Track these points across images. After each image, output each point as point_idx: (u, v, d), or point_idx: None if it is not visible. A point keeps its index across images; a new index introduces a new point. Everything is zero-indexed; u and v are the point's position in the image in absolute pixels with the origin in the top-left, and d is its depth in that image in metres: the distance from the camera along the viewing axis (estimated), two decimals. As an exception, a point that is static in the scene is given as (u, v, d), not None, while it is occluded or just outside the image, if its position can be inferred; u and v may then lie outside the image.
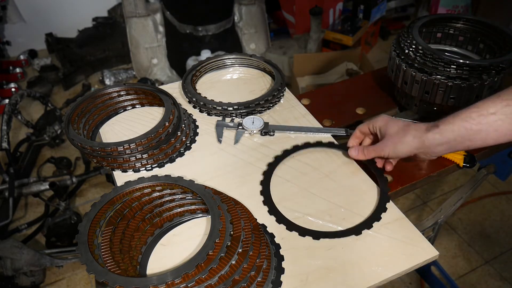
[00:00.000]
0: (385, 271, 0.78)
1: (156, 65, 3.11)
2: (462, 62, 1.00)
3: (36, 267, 1.72)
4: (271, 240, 0.83)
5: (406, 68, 1.06)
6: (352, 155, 0.96)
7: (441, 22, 1.18)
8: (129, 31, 3.04)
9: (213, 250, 0.73)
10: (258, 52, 3.20)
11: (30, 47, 3.39)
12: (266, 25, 3.22)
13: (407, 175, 1.00)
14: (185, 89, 1.20)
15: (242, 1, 3.11)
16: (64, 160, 2.41)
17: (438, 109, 1.11)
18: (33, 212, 2.23)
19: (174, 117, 1.03)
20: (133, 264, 0.77)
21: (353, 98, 1.25)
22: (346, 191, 0.93)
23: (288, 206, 0.89)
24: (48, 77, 3.07)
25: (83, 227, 0.80)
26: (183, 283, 0.69)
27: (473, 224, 2.14)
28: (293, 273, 0.78)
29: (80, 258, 0.74)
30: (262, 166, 0.99)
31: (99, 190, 2.32)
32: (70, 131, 1.01)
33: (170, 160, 1.01)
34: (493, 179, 2.05)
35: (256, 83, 1.26)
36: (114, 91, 1.14)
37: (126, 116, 1.14)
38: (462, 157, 1.02)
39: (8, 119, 2.03)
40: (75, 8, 3.39)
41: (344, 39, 3.02)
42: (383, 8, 3.34)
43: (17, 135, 2.68)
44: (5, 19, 3.27)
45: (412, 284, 1.90)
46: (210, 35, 2.98)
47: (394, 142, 0.87)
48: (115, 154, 0.97)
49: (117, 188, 0.88)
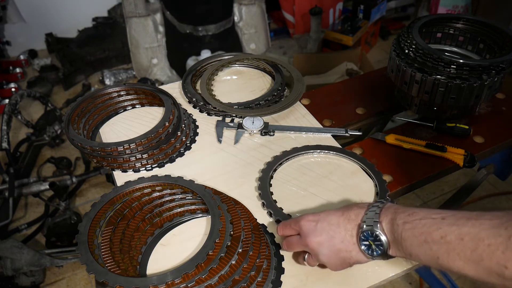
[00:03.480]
0: (385, 271, 0.78)
1: (156, 65, 3.11)
2: (462, 62, 1.00)
3: (36, 267, 1.72)
4: (271, 240, 0.83)
5: (406, 68, 1.06)
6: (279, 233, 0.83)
7: (441, 22, 1.18)
8: (129, 31, 3.04)
9: (213, 250, 0.73)
10: (258, 52, 3.20)
11: (30, 47, 3.39)
12: (266, 25, 3.22)
13: (407, 175, 1.00)
14: (185, 89, 1.20)
15: (242, 1, 3.11)
16: (64, 160, 2.41)
17: (438, 109, 1.11)
18: (33, 212, 2.23)
19: (174, 117, 1.03)
20: (133, 264, 0.77)
21: (353, 98, 1.25)
22: (346, 191, 0.93)
23: (288, 206, 0.89)
24: (48, 77, 3.07)
25: (83, 227, 0.80)
26: (183, 283, 0.69)
27: (473, 224, 2.14)
28: (293, 273, 0.78)
29: (80, 258, 0.74)
30: (262, 166, 0.99)
31: (99, 190, 2.32)
32: (70, 131, 1.01)
33: (170, 160, 1.01)
34: (493, 179, 2.05)
35: (256, 83, 1.26)
36: (114, 91, 1.14)
37: (126, 116, 1.14)
38: (462, 157, 1.02)
39: (8, 119, 2.03)
40: (75, 8, 3.38)
41: (344, 39, 3.02)
42: (383, 8, 3.34)
43: (17, 135, 2.68)
44: (5, 19, 3.27)
45: (412, 284, 1.90)
46: (210, 35, 2.98)
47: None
48: (115, 154, 0.97)
49: (117, 188, 0.88)
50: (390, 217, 0.67)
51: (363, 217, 0.70)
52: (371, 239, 0.68)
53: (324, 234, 0.73)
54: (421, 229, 0.62)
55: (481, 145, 1.08)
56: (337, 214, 0.74)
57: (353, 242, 0.71)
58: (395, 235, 0.66)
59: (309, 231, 0.74)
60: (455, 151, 1.03)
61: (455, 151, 1.03)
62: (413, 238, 0.63)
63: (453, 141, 1.07)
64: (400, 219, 0.65)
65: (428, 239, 0.61)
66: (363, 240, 0.69)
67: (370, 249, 0.69)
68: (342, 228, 0.72)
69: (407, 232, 0.64)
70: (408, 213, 0.65)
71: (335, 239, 0.72)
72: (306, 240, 0.74)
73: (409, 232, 0.64)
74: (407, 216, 0.65)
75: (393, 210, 0.68)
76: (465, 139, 1.09)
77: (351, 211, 0.72)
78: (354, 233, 0.71)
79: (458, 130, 1.09)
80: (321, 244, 0.73)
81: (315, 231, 0.73)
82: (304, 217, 0.76)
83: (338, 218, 0.73)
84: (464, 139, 1.09)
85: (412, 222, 0.64)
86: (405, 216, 0.65)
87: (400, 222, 0.65)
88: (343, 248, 0.72)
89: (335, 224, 0.72)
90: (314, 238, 0.73)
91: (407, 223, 0.64)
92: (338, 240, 0.72)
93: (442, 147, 1.03)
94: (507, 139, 1.11)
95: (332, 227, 0.73)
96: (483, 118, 1.17)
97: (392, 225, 0.66)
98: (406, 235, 0.64)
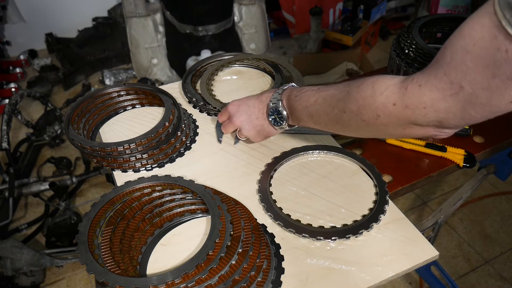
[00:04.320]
0: (385, 271, 0.78)
1: (156, 65, 3.11)
2: (462, 62, 1.00)
3: (36, 267, 1.72)
4: (271, 240, 0.83)
5: (406, 68, 1.06)
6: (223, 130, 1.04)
7: (441, 22, 1.18)
8: (129, 31, 3.04)
9: (213, 250, 0.73)
10: (258, 52, 3.20)
11: (30, 47, 3.39)
12: (266, 25, 3.22)
13: (407, 175, 1.00)
14: (185, 89, 1.20)
15: (242, 1, 3.11)
16: (64, 160, 2.41)
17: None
18: (33, 212, 2.23)
19: (174, 117, 1.03)
20: (133, 264, 0.77)
21: (353, 98, 1.24)
22: (346, 191, 0.93)
23: (288, 206, 0.89)
24: (48, 77, 3.07)
25: (83, 227, 0.80)
26: (183, 283, 0.69)
27: (473, 224, 2.14)
28: (293, 273, 0.78)
29: (80, 258, 0.74)
30: (262, 166, 0.99)
31: (99, 190, 2.32)
32: (70, 131, 1.01)
33: (170, 160, 1.01)
34: (493, 179, 2.05)
35: (256, 83, 1.26)
36: (114, 91, 1.14)
37: (126, 116, 1.14)
38: (462, 157, 1.02)
39: (8, 119, 2.02)
40: (75, 8, 3.38)
41: (344, 39, 3.02)
42: (383, 8, 3.34)
43: (17, 135, 2.68)
44: (5, 19, 3.27)
45: (412, 284, 1.90)
46: (210, 35, 2.98)
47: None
48: (115, 154, 0.97)
49: (117, 188, 0.88)
50: (287, 95, 0.89)
51: (271, 97, 0.92)
52: (276, 114, 0.91)
53: (244, 114, 0.96)
54: (304, 98, 0.84)
55: (481, 145, 1.08)
56: (253, 97, 0.97)
57: (264, 118, 0.94)
58: (290, 108, 0.88)
59: (234, 113, 0.97)
60: (455, 151, 1.03)
61: (455, 151, 1.03)
62: (299, 106, 0.85)
63: (453, 141, 1.07)
64: (293, 95, 0.86)
65: (307, 104, 0.83)
66: (270, 115, 0.92)
67: (275, 121, 0.92)
68: (256, 108, 0.95)
69: (295, 102, 0.86)
70: (298, 90, 0.87)
71: (251, 117, 0.96)
72: (233, 120, 0.98)
73: (297, 102, 0.85)
74: (297, 92, 0.86)
75: (290, 90, 0.89)
76: (465, 139, 1.09)
77: (263, 95, 0.95)
78: (264, 111, 0.94)
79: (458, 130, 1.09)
80: (242, 122, 0.97)
81: (237, 112, 0.97)
82: (231, 103, 0.99)
83: (254, 101, 0.96)
84: (464, 139, 1.09)
85: (300, 95, 0.85)
86: (296, 92, 0.86)
87: (292, 97, 0.87)
88: (258, 123, 0.96)
89: (252, 106, 0.96)
90: (238, 118, 0.97)
91: (297, 97, 0.86)
92: (254, 117, 0.96)
93: (442, 147, 1.03)
94: (507, 139, 1.11)
95: (249, 108, 0.96)
96: (483, 118, 1.17)
97: (289, 101, 0.88)
98: (295, 105, 0.86)
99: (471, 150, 1.04)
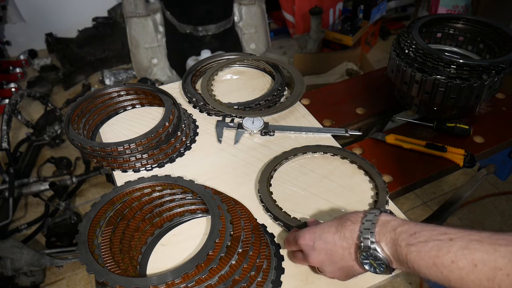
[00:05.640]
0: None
1: (156, 65, 3.11)
2: (462, 62, 1.00)
3: (36, 267, 1.72)
4: (271, 240, 0.83)
5: (406, 68, 1.06)
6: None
7: (441, 22, 1.18)
8: (129, 31, 3.04)
9: (213, 250, 0.73)
10: (258, 52, 3.20)
11: (30, 47, 3.39)
12: (266, 25, 3.22)
13: (407, 175, 1.00)
14: (185, 89, 1.20)
15: (242, 1, 3.10)
16: (64, 160, 2.41)
17: (438, 109, 1.11)
18: (33, 212, 2.23)
19: (174, 117, 1.03)
20: (133, 264, 0.77)
21: (353, 98, 1.25)
22: (346, 191, 0.93)
23: (288, 206, 0.89)
24: (48, 77, 3.07)
25: (83, 227, 0.80)
26: (183, 283, 0.69)
27: (473, 224, 2.14)
28: (293, 273, 0.78)
29: (80, 258, 0.74)
30: (262, 166, 0.99)
31: (99, 190, 2.32)
32: (70, 131, 1.01)
33: (170, 160, 1.01)
34: (493, 179, 2.05)
35: (256, 83, 1.26)
36: (114, 91, 1.14)
37: (126, 116, 1.14)
38: (462, 157, 1.02)
39: (8, 119, 2.02)
40: (75, 8, 3.38)
41: (344, 39, 3.02)
42: (383, 8, 3.34)
43: (17, 135, 2.68)
44: (5, 19, 3.27)
45: (412, 284, 1.90)
46: (210, 35, 2.98)
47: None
48: (115, 154, 0.97)
49: (117, 188, 0.88)
50: (390, 237, 0.65)
51: (359, 235, 0.68)
52: (371, 259, 0.67)
53: (323, 253, 0.73)
54: (429, 252, 0.60)
55: (481, 145, 1.08)
56: (331, 231, 0.72)
57: (352, 259, 0.70)
58: (399, 257, 0.64)
59: (309, 251, 0.74)
60: (455, 151, 1.03)
61: (455, 151, 1.03)
62: (420, 260, 0.61)
63: (453, 141, 1.07)
64: (403, 240, 0.63)
65: (437, 262, 0.59)
66: (363, 259, 0.68)
67: (372, 266, 0.68)
68: (339, 246, 0.71)
69: (412, 254, 0.62)
70: (409, 233, 0.63)
71: (334, 257, 0.72)
72: (309, 260, 0.74)
73: (414, 254, 0.61)
74: (409, 237, 0.62)
75: (391, 229, 0.65)
76: (465, 139, 1.09)
77: (345, 228, 0.71)
78: (352, 251, 0.70)
79: (458, 130, 1.09)
80: (323, 263, 0.73)
81: (314, 250, 0.73)
82: (301, 237, 0.75)
83: (333, 236, 0.72)
84: (464, 139, 1.09)
85: (417, 245, 0.61)
86: (407, 237, 0.63)
87: (403, 244, 0.63)
88: (344, 264, 0.72)
89: (331, 243, 0.72)
90: (316, 258, 0.73)
91: (411, 245, 0.62)
92: (338, 258, 0.72)
93: (442, 147, 1.03)
94: (507, 139, 1.11)
95: (328, 246, 0.72)
96: (483, 118, 1.17)
97: (395, 247, 0.64)
98: (412, 258, 0.62)
99: (471, 150, 1.04)
